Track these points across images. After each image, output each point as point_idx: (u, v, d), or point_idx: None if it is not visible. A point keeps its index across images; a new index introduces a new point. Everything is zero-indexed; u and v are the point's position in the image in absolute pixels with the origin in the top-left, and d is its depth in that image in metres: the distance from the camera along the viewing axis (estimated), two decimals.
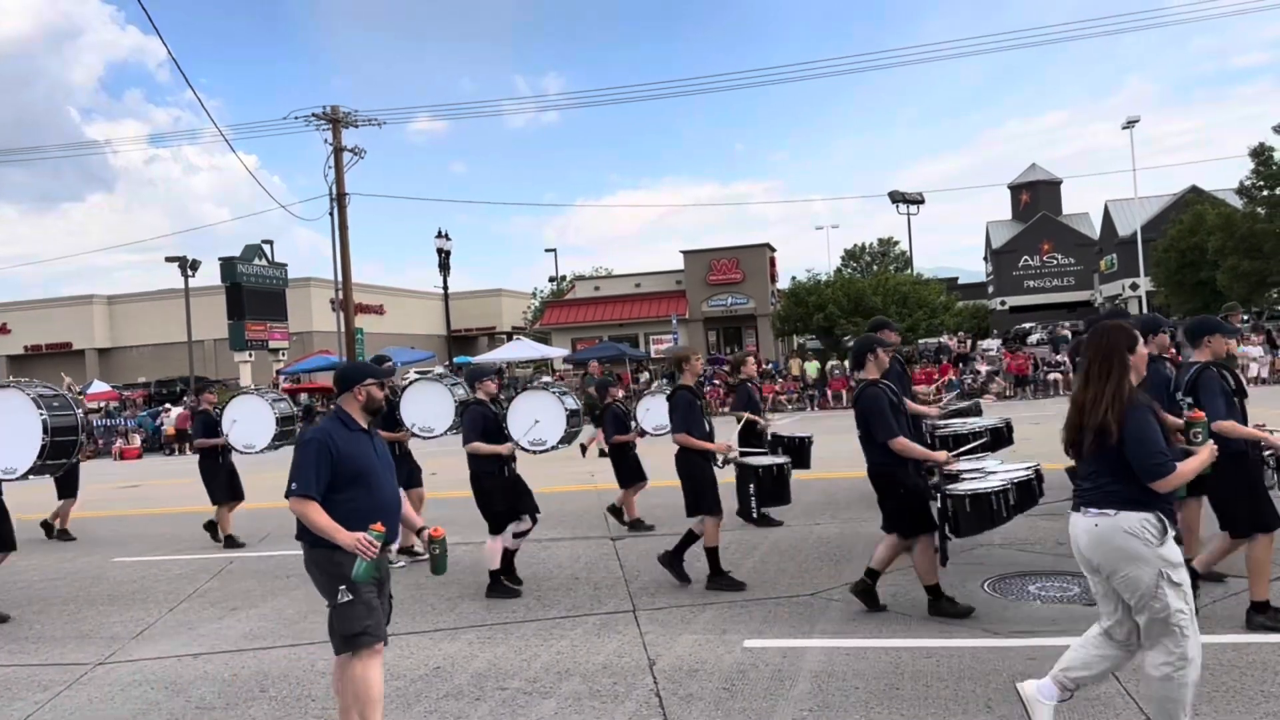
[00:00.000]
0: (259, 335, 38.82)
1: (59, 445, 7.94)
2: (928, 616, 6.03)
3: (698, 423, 7.19)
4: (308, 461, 4.24)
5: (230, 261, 37.72)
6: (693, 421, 7.16)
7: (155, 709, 5.43)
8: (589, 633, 6.30)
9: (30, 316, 56.51)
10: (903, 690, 4.83)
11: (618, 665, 5.58)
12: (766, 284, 46.12)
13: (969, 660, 5.19)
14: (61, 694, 5.82)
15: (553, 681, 5.38)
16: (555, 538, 9.82)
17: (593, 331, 46.49)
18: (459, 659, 5.92)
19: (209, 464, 10.80)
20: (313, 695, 5.45)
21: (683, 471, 7.24)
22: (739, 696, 4.91)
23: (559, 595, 7.38)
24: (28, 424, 7.85)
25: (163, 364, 52.06)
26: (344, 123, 33.27)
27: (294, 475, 4.22)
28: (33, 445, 7.79)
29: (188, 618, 7.55)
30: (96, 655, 6.65)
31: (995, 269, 72.27)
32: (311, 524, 4.19)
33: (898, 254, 71.37)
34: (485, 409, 7.88)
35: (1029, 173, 73.63)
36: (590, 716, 4.83)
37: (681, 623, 6.34)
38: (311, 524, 4.19)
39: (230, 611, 7.66)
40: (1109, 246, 62.25)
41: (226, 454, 10.82)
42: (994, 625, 5.79)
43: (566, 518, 11.00)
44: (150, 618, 7.64)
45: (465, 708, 5.07)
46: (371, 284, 56.67)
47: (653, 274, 49.44)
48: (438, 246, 37.30)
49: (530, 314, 66.47)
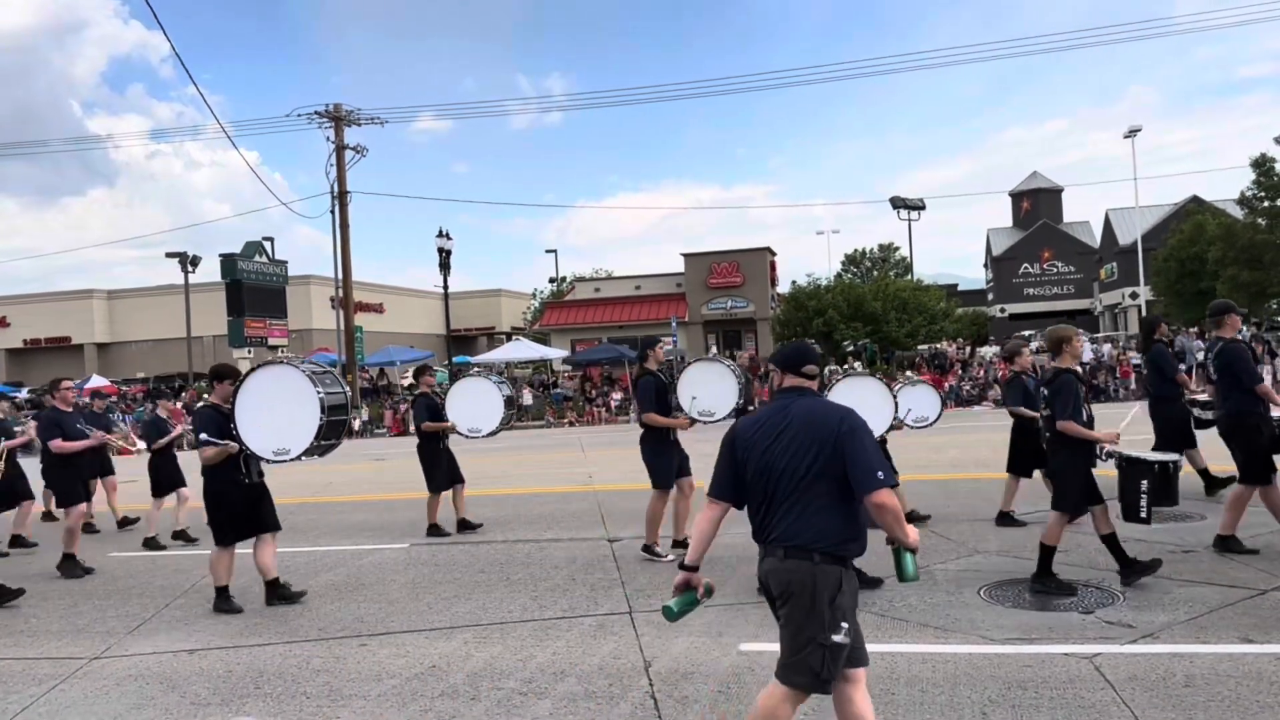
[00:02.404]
0: (258, 332, 38.77)
1: (333, 425, 7.40)
2: (924, 623, 6.03)
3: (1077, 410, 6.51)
4: (877, 447, 3.77)
5: (231, 258, 37.69)
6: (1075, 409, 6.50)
7: (150, 704, 5.42)
8: (585, 634, 6.30)
9: (30, 310, 56.45)
10: (898, 696, 4.82)
11: (614, 667, 5.57)
12: (767, 288, 46.12)
13: (965, 666, 5.19)
14: (57, 688, 5.81)
15: (548, 682, 5.37)
16: (553, 538, 9.82)
17: (592, 333, 46.47)
18: (455, 658, 5.91)
19: (430, 449, 10.43)
20: (307, 692, 5.44)
21: None
22: (734, 700, 4.91)
23: (555, 596, 7.38)
24: (304, 402, 7.27)
25: (162, 359, 52.05)
26: (346, 121, 33.29)
27: (877, 463, 3.57)
28: (309, 425, 7.23)
29: (184, 613, 7.54)
30: (92, 650, 6.64)
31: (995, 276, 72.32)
32: (897, 520, 3.53)
33: (898, 260, 71.37)
34: (657, 379, 8.10)
35: (1030, 180, 73.69)
36: (586, 717, 4.82)
37: (678, 625, 6.31)
38: (897, 520, 3.53)
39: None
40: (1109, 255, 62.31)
41: (446, 439, 10.53)
42: (990, 632, 5.78)
43: (564, 518, 11.00)
44: (146, 613, 7.63)
45: (461, 707, 5.06)
46: (372, 282, 56.66)
47: (653, 276, 49.42)
48: (438, 246, 37.27)
49: (530, 315, 66.48)
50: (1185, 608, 6.03)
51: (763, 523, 3.72)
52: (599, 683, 5.31)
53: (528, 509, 11.88)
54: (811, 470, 3.59)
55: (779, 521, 3.64)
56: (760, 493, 3.71)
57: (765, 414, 3.82)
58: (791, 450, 3.64)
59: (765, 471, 3.69)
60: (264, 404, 7.28)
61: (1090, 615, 5.99)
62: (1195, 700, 4.54)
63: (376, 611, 7.24)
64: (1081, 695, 4.68)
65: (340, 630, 6.77)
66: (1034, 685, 4.84)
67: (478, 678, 5.52)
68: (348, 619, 7.07)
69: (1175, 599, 6.25)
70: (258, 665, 6.04)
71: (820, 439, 3.60)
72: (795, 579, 3.58)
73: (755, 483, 3.72)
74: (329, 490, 15.55)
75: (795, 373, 3.86)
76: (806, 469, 3.59)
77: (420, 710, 5.06)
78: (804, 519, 3.59)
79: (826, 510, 3.59)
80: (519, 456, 20.26)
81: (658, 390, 8.26)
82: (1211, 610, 5.95)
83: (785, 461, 3.64)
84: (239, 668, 6.01)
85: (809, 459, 3.60)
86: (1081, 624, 5.84)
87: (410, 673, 5.68)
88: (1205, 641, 5.40)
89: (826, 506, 3.59)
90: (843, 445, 3.57)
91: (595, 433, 27.88)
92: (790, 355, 3.92)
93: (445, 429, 10.49)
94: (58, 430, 9.56)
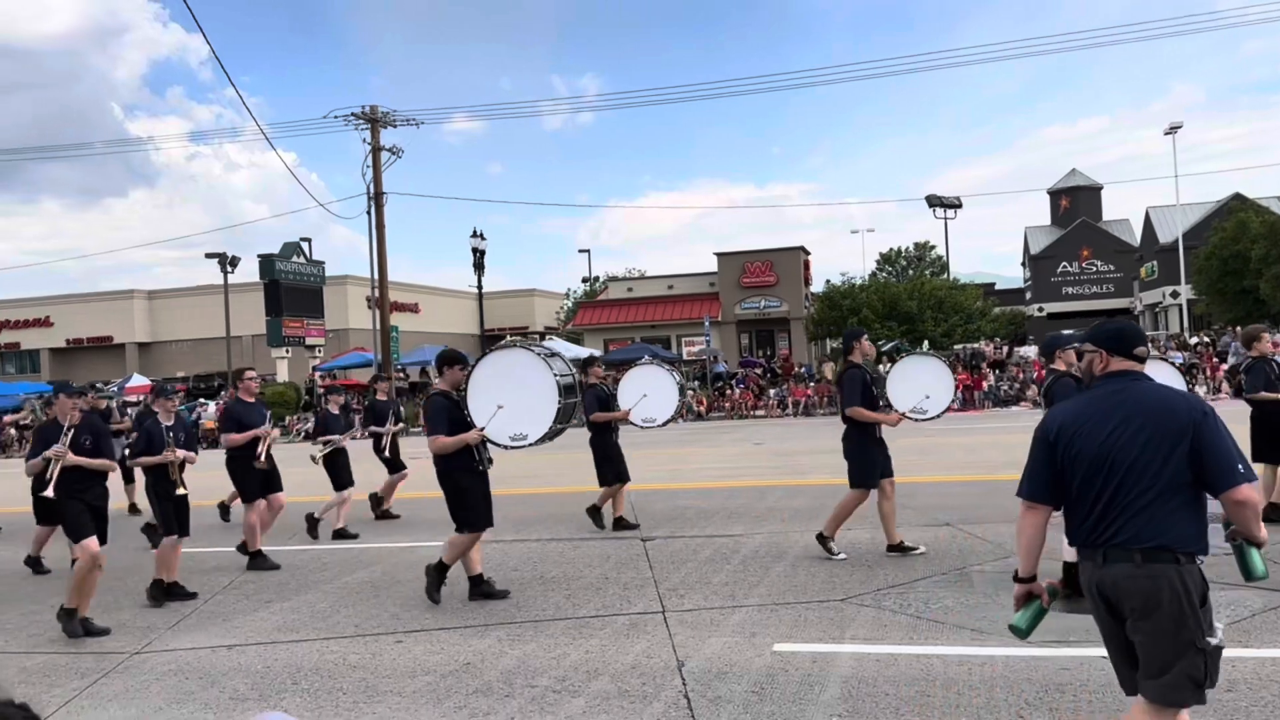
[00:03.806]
0: (296, 332, 39.24)
1: (567, 408, 7.20)
2: (960, 625, 5.97)
3: None
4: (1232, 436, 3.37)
5: (269, 259, 38.18)
6: None
7: (190, 698, 5.50)
8: (618, 633, 6.30)
9: (72, 310, 57.54)
10: (934, 698, 4.79)
11: (646, 666, 5.57)
12: (800, 287, 45.92)
13: (1001, 669, 5.14)
14: (99, 682, 5.92)
15: (581, 680, 5.39)
16: (585, 537, 9.85)
17: (625, 333, 46.51)
18: (489, 656, 5.95)
19: (602, 442, 10.24)
20: (343, 688, 5.50)
21: None
22: (768, 700, 4.89)
23: (588, 595, 7.39)
24: (540, 386, 7.06)
25: (201, 359, 52.79)
26: (382, 122, 33.55)
27: (1238, 455, 3.27)
28: (546, 409, 7.04)
29: (222, 609, 7.64)
30: (133, 644, 6.75)
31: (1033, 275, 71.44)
32: (1256, 517, 3.26)
33: (934, 258, 70.77)
34: (864, 372, 8.03)
35: (1069, 178, 72.71)
36: (619, 716, 4.83)
37: (711, 625, 6.33)
38: (1256, 517, 3.26)
39: (264, 604, 7.75)
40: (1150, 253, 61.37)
41: (617, 431, 10.32)
42: None
43: None
44: (185, 609, 7.74)
45: (495, 704, 5.09)
46: (407, 282, 57.14)
47: (686, 276, 49.38)
48: (472, 246, 37.49)
49: (563, 314, 66.66)
50: (1228, 611, 5.93)
51: (1099, 523, 3.33)
52: (632, 681, 5.32)
53: (560, 508, 11.91)
54: (1168, 463, 3.23)
55: (1129, 522, 3.26)
56: (1094, 489, 3.34)
57: (1086, 402, 3.48)
58: (1139, 442, 3.27)
59: (1103, 466, 3.31)
60: (498, 389, 7.07)
61: None
62: (1238, 705, 4.47)
63: (412, 609, 7.29)
64: (1120, 699, 4.59)
65: (376, 627, 6.83)
66: (1072, 688, 4.78)
67: (511, 675, 5.55)
68: (384, 616, 7.13)
69: (1217, 602, 6.10)
70: (295, 661, 6.11)
71: (1173, 429, 3.24)
72: (1160, 585, 3.19)
73: (1087, 478, 3.35)
74: (366, 486, 15.63)
75: (1126, 355, 3.47)
76: (1162, 462, 3.23)
77: (455, 707, 5.09)
78: (1162, 517, 3.23)
79: (1184, 506, 3.25)
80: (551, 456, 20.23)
81: (864, 384, 7.98)
82: (1255, 614, 5.85)
83: (1133, 454, 3.26)
84: (277, 663, 6.08)
85: (1163, 451, 3.24)
86: None
87: (445, 669, 5.72)
88: (1249, 646, 5.31)
89: (1185, 502, 3.25)
90: (1200, 435, 3.21)
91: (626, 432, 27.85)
92: (1118, 335, 3.51)
93: (618, 419, 10.25)
94: (235, 424, 9.31)
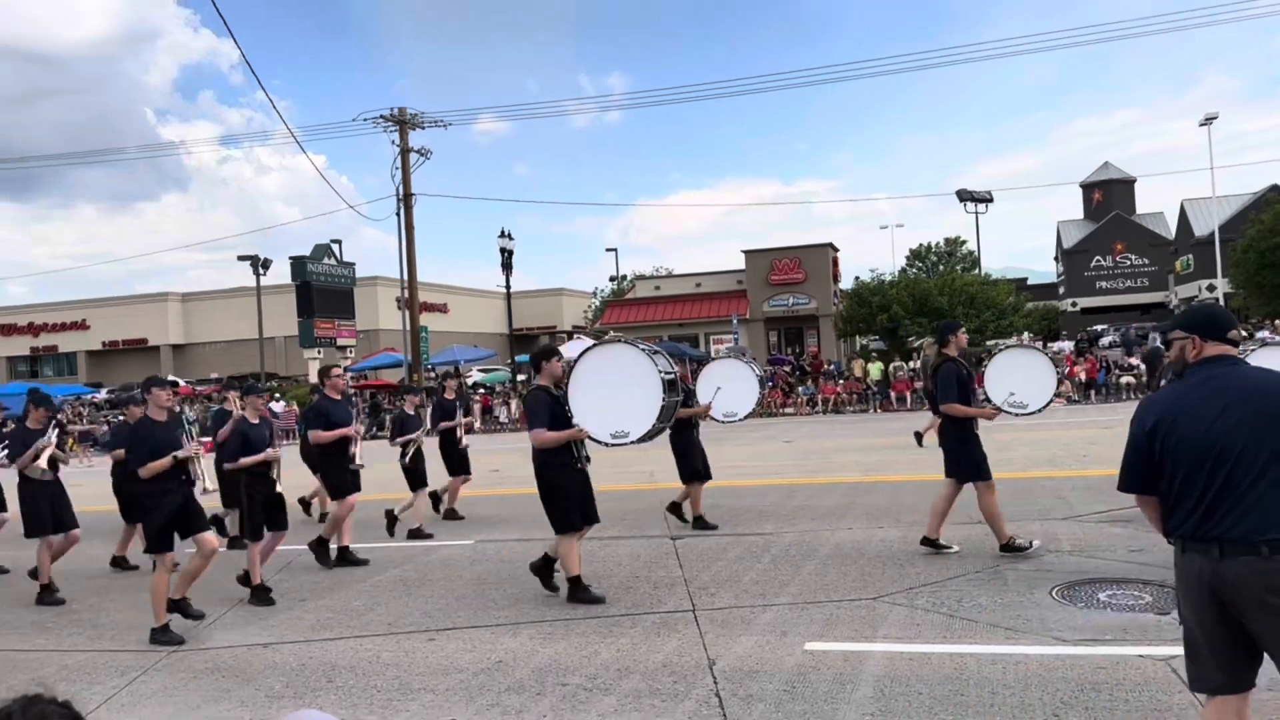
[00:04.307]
0: (327, 333, 39.55)
1: (669, 407, 7.08)
2: (994, 623, 5.93)
3: None
4: None
5: (300, 261, 38.50)
6: None
7: (227, 696, 5.57)
8: (649, 631, 6.31)
9: (108, 313, 58.41)
10: (967, 697, 4.76)
11: (677, 664, 5.58)
12: (829, 284, 45.70)
13: (1036, 668, 5.09)
14: (138, 679, 6.00)
15: (612, 678, 5.40)
16: (616, 536, 9.85)
17: (653, 331, 46.46)
18: (520, 654, 5.98)
19: (682, 438, 9.85)
20: (377, 686, 5.54)
21: None
22: (800, 699, 4.88)
23: (619, 593, 7.40)
24: (645, 382, 6.91)
25: (235, 360, 53.38)
26: (411, 124, 33.76)
27: None
28: (650, 407, 6.89)
29: (258, 608, 7.72)
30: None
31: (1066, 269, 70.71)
32: None
33: (965, 254, 70.24)
34: (959, 366, 7.83)
35: (1101, 171, 71.90)
36: (650, 714, 4.84)
37: (741, 623, 6.32)
38: None
39: (298, 603, 7.83)
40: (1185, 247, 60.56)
41: (697, 426, 10.00)
42: (1063, 633, 5.66)
43: (627, 516, 11.03)
44: (222, 608, 7.83)
45: (527, 702, 5.11)
46: (436, 283, 57.47)
47: (714, 274, 49.29)
48: (500, 246, 37.61)
49: (591, 313, 66.75)
50: None
51: (1209, 515, 3.16)
52: (663, 680, 5.32)
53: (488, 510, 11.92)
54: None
55: (1247, 513, 3.08)
56: (1200, 481, 3.17)
57: (1183, 390, 3.33)
58: (1246, 428, 3.12)
59: (1208, 456, 3.15)
60: (600, 384, 6.94)
61: (1166, 616, 5.83)
62: (1279, 705, 4.40)
63: (444, 607, 7.34)
64: (1157, 698, 4.57)
65: (409, 625, 6.88)
66: (1108, 687, 4.74)
67: (543, 673, 5.57)
68: (416, 614, 7.18)
69: None
70: (330, 659, 6.17)
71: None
72: None
73: (1192, 470, 3.19)
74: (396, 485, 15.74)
75: (1219, 339, 3.36)
76: (1273, 449, 3.08)
77: (487, 704, 5.12)
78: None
79: None
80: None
81: (960, 378, 7.75)
82: None
83: (1240, 442, 3.11)
84: (311, 661, 6.14)
85: (1273, 436, 3.09)
86: (1157, 625, 5.69)
87: (477, 667, 5.75)
88: None
89: None
90: None
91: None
92: (1211, 320, 3.40)
93: (698, 415, 9.93)
94: (323, 421, 9.21)
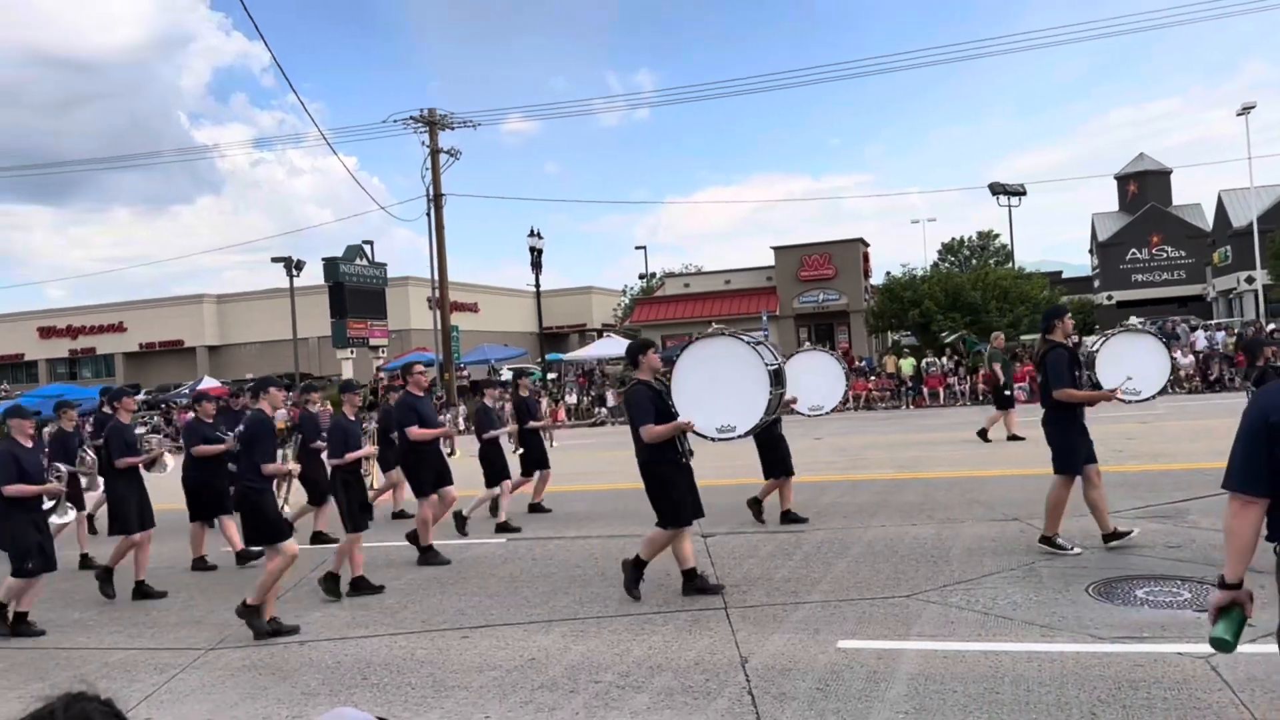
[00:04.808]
0: (360, 333, 39.88)
1: (775, 400, 6.90)
2: (1029, 621, 5.87)
3: None
4: None
5: (333, 262, 38.84)
6: None
7: (264, 693, 5.64)
8: (680, 629, 6.31)
9: (145, 315, 59.21)
10: (1003, 695, 4.72)
11: (710, 662, 5.57)
12: (860, 280, 45.41)
13: (1072, 666, 5.04)
14: (177, 676, 6.09)
15: (645, 676, 5.41)
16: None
17: (682, 328, 46.37)
18: (553, 651, 6.00)
19: (767, 432, 9.45)
20: (411, 683, 5.59)
21: None
22: (833, 697, 4.86)
23: (650, 591, 7.41)
24: (752, 376, 6.72)
25: (269, 361, 53.91)
26: (440, 125, 33.92)
27: None
28: (758, 401, 6.72)
29: (293, 606, 7.81)
30: (208, 640, 6.93)
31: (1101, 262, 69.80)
32: None
33: (998, 247, 69.46)
34: (1070, 352, 7.53)
35: (1136, 162, 70.90)
36: (683, 712, 4.84)
37: (773, 621, 6.30)
38: None
39: (333, 600, 7.89)
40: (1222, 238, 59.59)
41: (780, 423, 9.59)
42: (1099, 630, 5.60)
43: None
44: None
45: (560, 699, 5.13)
46: (466, 282, 57.75)
47: (743, 270, 49.11)
48: (530, 245, 37.72)
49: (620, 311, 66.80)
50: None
51: None
52: (695, 677, 5.32)
53: (622, 504, 11.93)
54: None
55: None
56: None
57: None
58: None
59: None
60: (705, 378, 6.80)
61: (1205, 614, 5.74)
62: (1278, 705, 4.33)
63: (477, 604, 7.39)
64: (1197, 696, 4.50)
65: (443, 623, 6.93)
66: (1146, 685, 4.68)
67: (576, 670, 5.59)
68: (450, 611, 7.23)
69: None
70: (365, 656, 6.23)
71: None
72: None
73: None
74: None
75: None
76: None
77: (520, 701, 5.14)
78: None
79: None
80: (612, 453, 20.35)
81: (1069, 363, 7.47)
82: None
83: None
84: (347, 659, 6.20)
85: None
86: (1196, 623, 5.61)
87: (510, 664, 5.78)
88: None
89: None
90: None
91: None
92: None
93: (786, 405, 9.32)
94: (415, 416, 9.17)
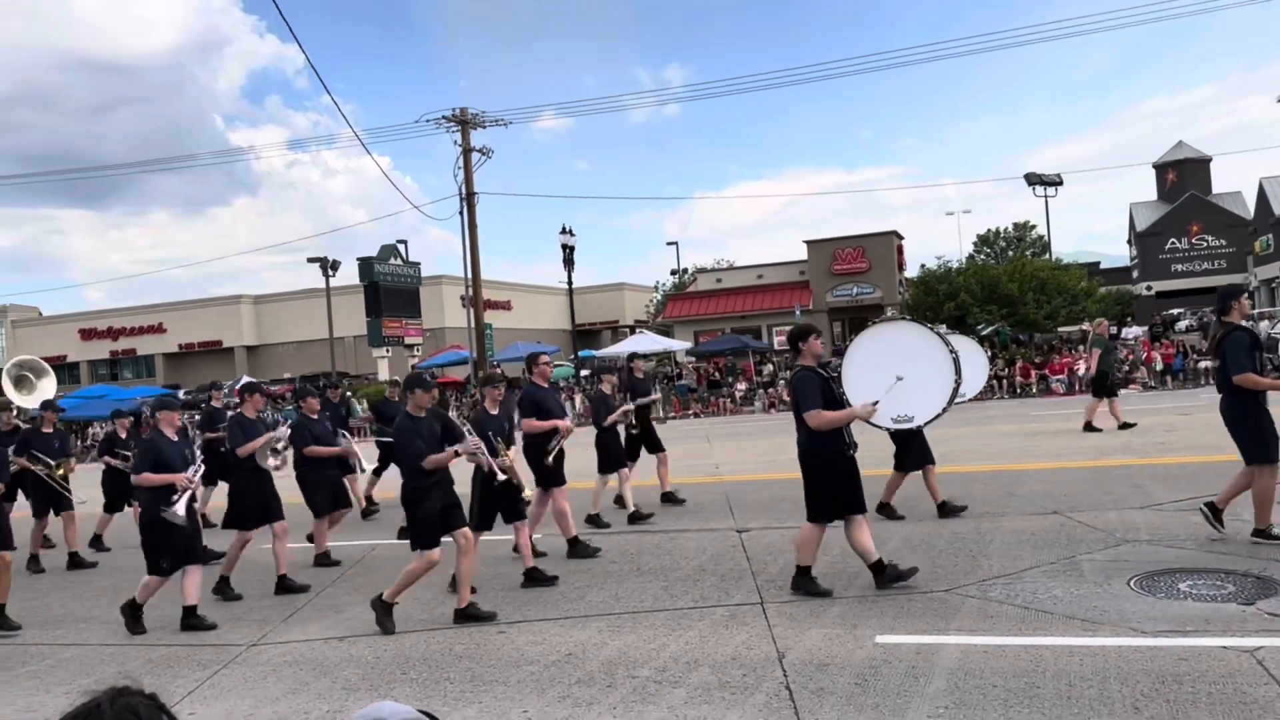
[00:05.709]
0: (395, 332, 40.23)
1: (956, 389, 6.64)
2: (1070, 615, 5.81)
3: None
4: None
5: (368, 261, 39.22)
6: None
7: (305, 689, 5.70)
8: (717, 624, 6.31)
9: (184, 316, 60.09)
10: (1043, 689, 4.67)
11: (746, 657, 5.57)
12: (894, 272, 45.11)
13: (1114, 660, 4.98)
14: (219, 672, 6.18)
15: (682, 671, 5.41)
16: (682, 529, 9.86)
17: (715, 324, 46.35)
18: (590, 646, 6.02)
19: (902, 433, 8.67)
20: (450, 678, 5.63)
21: None
22: (871, 692, 4.84)
23: (686, 586, 7.41)
24: (935, 363, 6.44)
25: (306, 360, 54.54)
26: (472, 124, 34.06)
27: None
28: (940, 390, 6.46)
29: (333, 602, 7.89)
30: (249, 637, 7.02)
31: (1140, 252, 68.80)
32: None
33: (1035, 238, 68.62)
34: (1251, 335, 7.23)
35: (1175, 151, 69.77)
36: (720, 707, 4.84)
37: (810, 616, 6.28)
38: None
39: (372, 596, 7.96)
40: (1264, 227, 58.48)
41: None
42: (1141, 624, 5.53)
43: (693, 509, 11.03)
44: (298, 602, 8.01)
45: (597, 694, 5.15)
46: (499, 280, 58.03)
47: (775, 265, 48.94)
48: (562, 242, 37.88)
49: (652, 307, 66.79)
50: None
51: None
52: (732, 673, 5.32)
53: (655, 500, 11.95)
54: None
55: None
56: None
57: None
58: None
59: None
60: (881, 365, 6.47)
61: (1251, 607, 5.66)
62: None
63: (513, 599, 7.42)
64: (1242, 690, 4.43)
65: None
66: (1190, 679, 4.61)
67: (613, 665, 5.60)
68: (486, 607, 7.25)
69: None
70: (404, 651, 6.28)
71: None
72: None
73: None
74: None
75: None
76: None
77: (558, 696, 5.17)
78: None
79: None
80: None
81: (1250, 347, 7.13)
82: None
83: None
84: (386, 654, 6.26)
85: None
86: (1241, 616, 5.52)
87: (548, 659, 5.81)
88: None
89: None
90: None
91: (720, 424, 27.82)
92: None
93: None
94: (536, 408, 9.02)
